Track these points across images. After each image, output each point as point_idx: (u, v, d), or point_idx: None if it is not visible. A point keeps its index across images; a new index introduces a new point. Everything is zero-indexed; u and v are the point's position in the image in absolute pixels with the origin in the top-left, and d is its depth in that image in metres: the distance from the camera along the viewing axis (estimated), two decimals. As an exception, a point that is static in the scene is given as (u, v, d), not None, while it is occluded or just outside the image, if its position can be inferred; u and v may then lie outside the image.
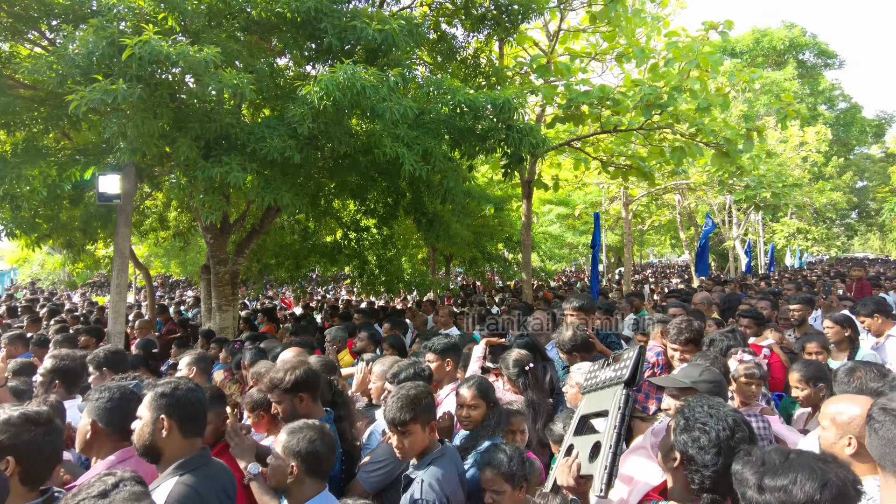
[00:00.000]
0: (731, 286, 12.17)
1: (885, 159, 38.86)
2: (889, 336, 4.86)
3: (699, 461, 1.86)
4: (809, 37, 34.90)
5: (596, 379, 2.35)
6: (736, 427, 1.89)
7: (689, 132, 9.02)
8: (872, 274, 15.01)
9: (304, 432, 2.37)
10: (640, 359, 2.17)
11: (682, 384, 2.76)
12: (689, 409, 1.98)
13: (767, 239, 28.42)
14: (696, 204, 22.00)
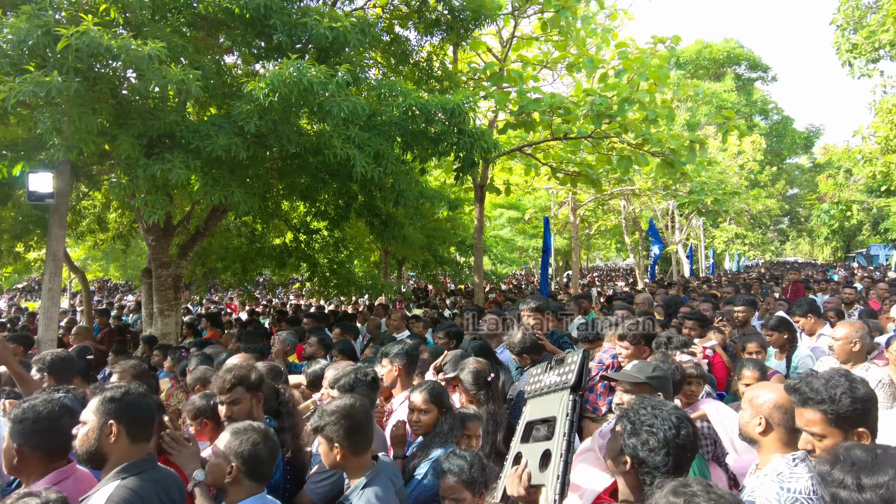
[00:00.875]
0: (674, 289, 12.61)
1: (813, 169, 41.28)
2: (821, 335, 5.18)
3: (651, 463, 1.88)
4: (746, 50, 36.75)
5: (540, 384, 2.29)
6: (680, 425, 1.92)
7: (636, 142, 9.29)
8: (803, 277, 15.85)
9: (248, 434, 2.32)
10: (585, 363, 2.14)
11: (636, 379, 2.82)
12: (634, 413, 1.99)
13: (708, 244, 29.63)
14: (641, 209, 22.71)
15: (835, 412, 2.01)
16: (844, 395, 2.02)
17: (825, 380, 2.08)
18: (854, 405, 2.01)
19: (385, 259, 14.95)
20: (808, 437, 2.09)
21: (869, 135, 15.17)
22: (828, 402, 2.02)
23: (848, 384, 2.05)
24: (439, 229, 14.71)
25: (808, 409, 2.07)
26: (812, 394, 2.06)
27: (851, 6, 15.72)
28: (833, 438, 2.03)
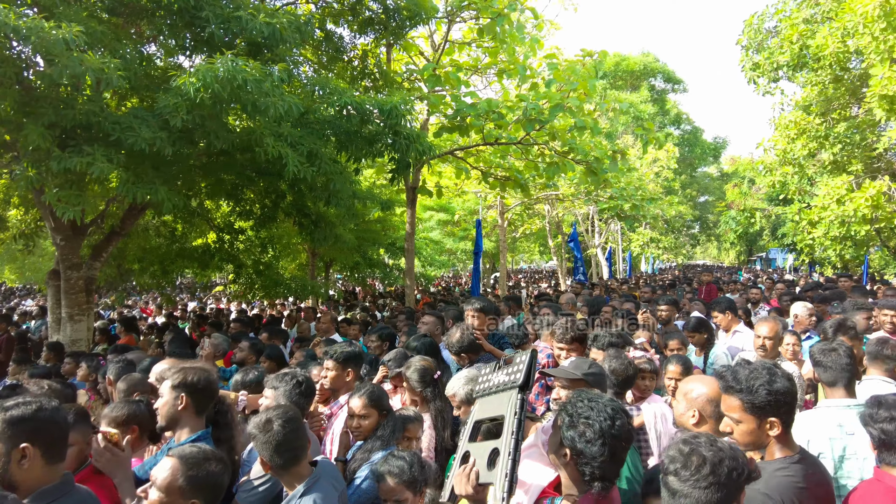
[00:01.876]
0: (597, 290, 13.14)
1: (721, 178, 44.32)
2: (736, 332, 5.59)
3: (588, 454, 1.93)
4: (661, 63, 38.91)
5: (489, 383, 2.30)
6: (616, 415, 1.99)
7: (563, 149, 9.62)
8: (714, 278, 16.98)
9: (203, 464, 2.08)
10: (533, 363, 2.16)
11: (573, 375, 2.90)
12: (571, 406, 2.05)
13: (625, 247, 31.07)
14: (564, 214, 23.50)
15: (750, 402, 2.16)
16: (762, 387, 2.15)
17: (749, 371, 2.22)
18: (769, 397, 2.15)
19: (312, 261, 14.62)
20: (728, 420, 2.24)
21: (769, 147, 16.44)
22: (745, 391, 2.17)
23: (768, 377, 2.18)
24: (370, 230, 14.59)
25: (729, 396, 2.23)
26: (734, 383, 2.20)
27: (754, 29, 17.02)
28: (748, 424, 2.18)
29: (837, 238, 14.62)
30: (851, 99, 14.84)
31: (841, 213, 13.40)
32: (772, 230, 36.11)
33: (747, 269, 34.97)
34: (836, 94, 14.82)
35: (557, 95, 8.57)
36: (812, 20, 14.54)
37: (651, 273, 30.88)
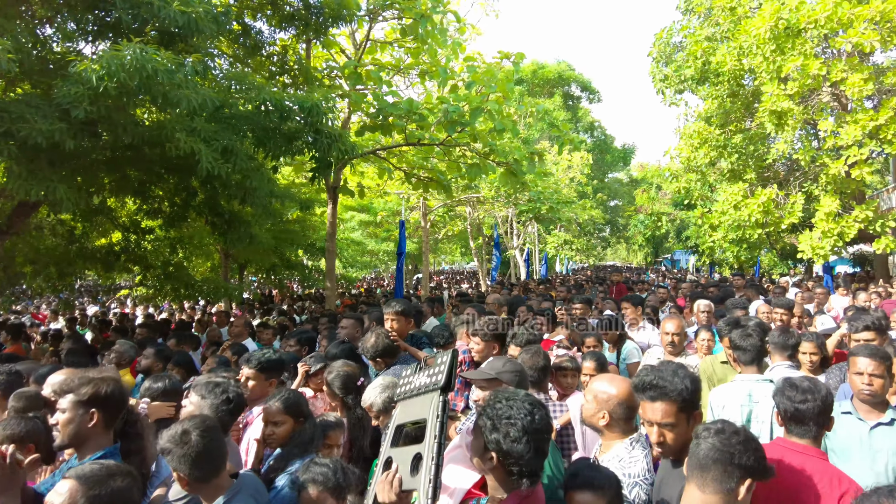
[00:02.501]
0: (516, 290, 13.47)
1: (630, 183, 46.70)
2: (640, 328, 6.08)
3: (515, 453, 1.95)
4: (577, 73, 40.50)
5: (410, 385, 2.25)
6: (534, 410, 2.02)
7: (484, 151, 9.77)
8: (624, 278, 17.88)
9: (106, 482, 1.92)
10: (454, 363, 2.11)
11: (488, 376, 2.94)
12: (491, 408, 2.05)
13: (541, 249, 32.05)
14: (485, 216, 23.93)
15: (682, 399, 2.27)
16: (687, 381, 2.29)
17: (669, 373, 2.32)
18: (693, 389, 2.30)
19: (225, 262, 13.99)
20: (660, 429, 2.28)
21: (675, 155, 17.51)
22: (677, 392, 2.27)
23: (684, 372, 2.34)
24: (288, 231, 14.15)
25: (662, 403, 2.28)
26: (671, 387, 2.27)
27: (663, 42, 18.10)
28: (681, 425, 2.28)
29: (734, 241, 15.80)
30: (746, 113, 16.11)
31: (737, 218, 14.50)
32: (676, 233, 38.52)
33: (654, 269, 37.06)
34: (733, 108, 16.04)
35: (477, 98, 8.70)
36: (713, 38, 15.66)
37: (566, 273, 32.04)
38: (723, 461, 1.91)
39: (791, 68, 11.80)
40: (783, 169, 16.80)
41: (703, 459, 1.94)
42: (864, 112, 11.74)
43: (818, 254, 12.50)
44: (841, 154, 12.14)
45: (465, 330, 4.83)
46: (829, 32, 11.56)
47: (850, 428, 3.07)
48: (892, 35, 10.99)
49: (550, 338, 5.36)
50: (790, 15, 11.57)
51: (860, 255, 20.50)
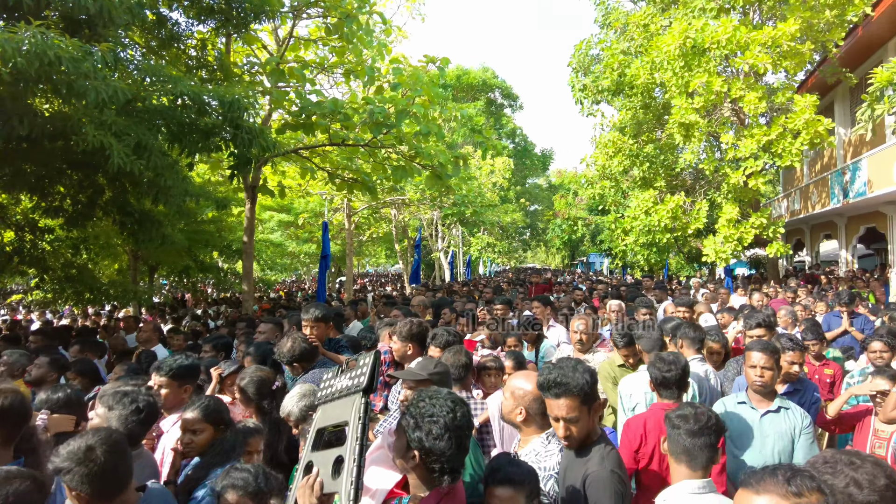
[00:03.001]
0: (441, 292, 13.56)
1: (549, 189, 48.28)
2: (552, 325, 6.46)
3: (437, 450, 1.98)
4: (500, 80, 41.39)
5: (332, 389, 2.21)
6: (456, 407, 2.07)
7: (410, 153, 9.79)
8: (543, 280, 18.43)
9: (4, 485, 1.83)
10: (377, 365, 2.11)
11: (419, 376, 2.95)
12: (414, 407, 2.08)
13: (465, 251, 32.47)
14: (410, 218, 23.97)
15: (584, 393, 2.37)
16: (587, 376, 2.41)
17: (571, 368, 2.42)
18: (592, 382, 2.43)
19: (134, 264, 13.15)
20: (565, 423, 2.38)
21: (591, 163, 18.27)
22: (579, 386, 2.37)
23: (583, 367, 2.45)
24: (203, 231, 13.50)
25: (566, 399, 2.37)
26: (573, 382, 2.37)
27: (582, 54, 18.84)
28: (584, 418, 2.39)
29: (645, 244, 16.70)
30: (657, 124, 17.08)
31: (648, 223, 15.34)
32: (592, 237, 40.19)
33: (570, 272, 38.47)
34: (646, 119, 16.97)
35: (403, 100, 8.71)
36: (628, 52, 16.49)
37: (488, 275, 32.61)
38: (707, 444, 2.33)
39: (697, 84, 12.65)
40: (690, 178, 17.96)
41: (691, 446, 2.35)
42: (759, 128, 12.79)
43: (720, 257, 13.48)
44: (740, 165, 13.15)
45: (388, 332, 4.84)
46: (729, 53, 12.50)
47: (744, 416, 3.35)
48: (780, 59, 12.04)
49: (472, 338, 5.45)
50: (696, 35, 12.41)
51: (756, 259, 22.22)
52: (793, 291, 9.87)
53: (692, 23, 12.70)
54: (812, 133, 11.90)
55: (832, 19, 12.44)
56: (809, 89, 15.12)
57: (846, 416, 3.76)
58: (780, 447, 3.19)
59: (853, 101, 15.14)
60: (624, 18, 17.16)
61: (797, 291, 9.86)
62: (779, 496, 1.41)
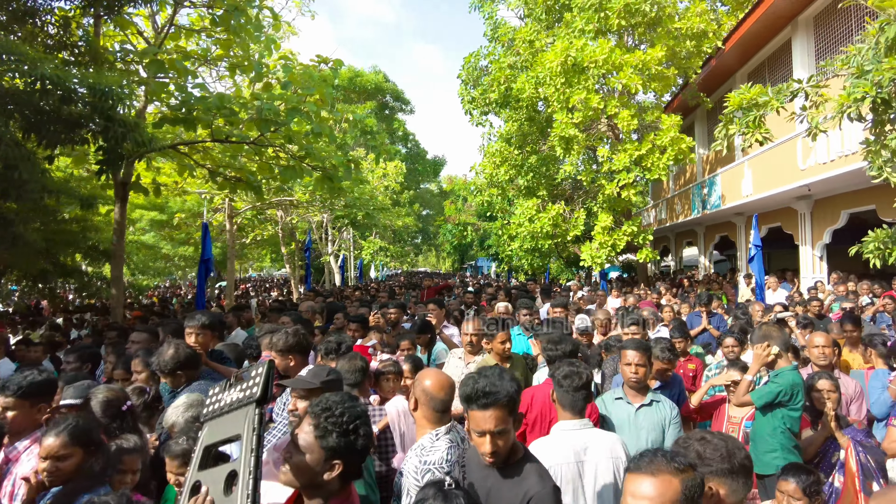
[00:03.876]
0: (331, 297, 13.29)
1: (440, 194, 49.07)
2: (445, 326, 6.68)
3: (365, 450, 2.00)
4: (391, 83, 41.40)
5: (220, 403, 2.08)
6: (359, 407, 2.06)
7: (299, 154, 9.49)
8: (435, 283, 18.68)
9: None
10: (271, 374, 2.02)
11: (311, 385, 2.86)
12: (315, 417, 2.02)
13: (357, 255, 32.11)
14: (298, 220, 23.23)
15: (512, 402, 2.32)
16: (514, 384, 2.38)
17: (498, 376, 2.37)
18: (517, 390, 2.40)
19: (-23, 268, 11.60)
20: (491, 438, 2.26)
21: (480, 171, 18.83)
22: (508, 395, 2.31)
23: (508, 375, 2.42)
24: (64, 231, 12.15)
25: (495, 409, 2.28)
26: (502, 391, 2.30)
27: (471, 66, 19.36)
28: (511, 430, 2.33)
29: (529, 250, 17.48)
30: (540, 136, 17.97)
31: (531, 230, 16.09)
32: (480, 242, 41.38)
33: (460, 275, 39.32)
34: (530, 131, 17.79)
35: (294, 98, 8.43)
36: (515, 66, 17.21)
37: (381, 280, 32.48)
38: (584, 396, 2.89)
39: (577, 100, 13.49)
40: (569, 187, 19.07)
41: (573, 398, 2.86)
42: (631, 143, 13.89)
43: (596, 262, 14.45)
44: (614, 177, 14.18)
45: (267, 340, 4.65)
46: (605, 73, 13.46)
47: (621, 410, 3.62)
48: (649, 81, 13.18)
49: (363, 343, 5.40)
50: (577, 54, 13.24)
51: (627, 263, 24.03)
52: (657, 293, 10.81)
53: (573, 42, 13.53)
54: (676, 150, 13.13)
55: (692, 49, 13.82)
56: (674, 110, 16.67)
57: (705, 406, 4.19)
58: (653, 437, 3.47)
59: (710, 122, 16.93)
60: (511, 34, 17.87)
61: (661, 293, 10.81)
62: (669, 474, 1.62)
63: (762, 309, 7.48)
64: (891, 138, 4.07)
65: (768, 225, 13.26)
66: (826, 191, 10.68)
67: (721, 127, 4.70)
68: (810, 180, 9.74)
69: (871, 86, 3.55)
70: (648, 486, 1.61)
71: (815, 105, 4.34)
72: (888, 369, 4.53)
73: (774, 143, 8.88)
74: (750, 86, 4.66)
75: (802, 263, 11.91)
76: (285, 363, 3.80)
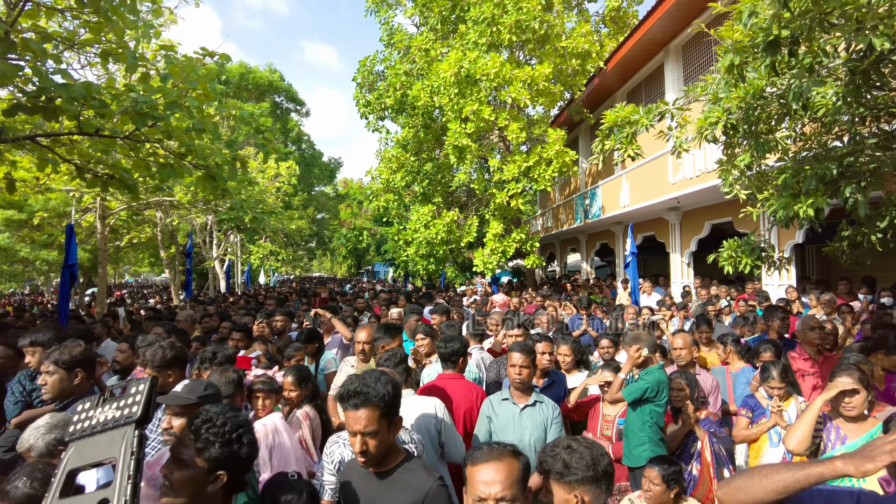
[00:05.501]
0: (214, 304, 12.58)
1: (336, 198, 48.19)
2: (335, 334, 6.49)
3: (250, 458, 1.98)
4: (286, 83, 40.10)
5: (92, 421, 1.83)
6: (242, 416, 2.02)
7: (180, 151, 8.90)
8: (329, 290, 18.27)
9: None
10: (153, 392, 1.82)
11: (188, 401, 2.70)
12: (197, 429, 1.93)
13: (244, 259, 30.69)
14: (179, 222, 21.77)
15: (385, 404, 2.31)
16: (389, 387, 2.37)
17: (374, 379, 2.36)
18: (394, 394, 2.38)
19: None
20: (361, 438, 2.26)
21: (376, 176, 18.74)
22: (380, 397, 2.30)
23: (386, 378, 2.41)
24: None
25: (366, 409, 2.28)
26: (374, 392, 2.30)
27: (367, 70, 19.22)
28: (383, 432, 2.30)
29: (424, 255, 17.64)
30: (436, 144, 18.23)
31: (427, 236, 16.25)
32: (377, 247, 41.13)
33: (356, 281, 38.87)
34: (426, 139, 17.99)
35: (174, 92, 7.89)
36: (410, 73, 17.32)
37: (272, 286, 31.28)
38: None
39: (469, 111, 13.83)
40: (463, 195, 19.49)
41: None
42: (520, 155, 14.47)
43: (488, 267, 14.87)
44: (504, 187, 14.68)
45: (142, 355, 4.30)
46: (497, 86, 13.92)
47: (507, 410, 3.74)
48: (537, 96, 13.81)
49: (247, 354, 5.14)
50: (469, 66, 13.58)
51: (517, 268, 24.96)
52: (542, 297, 11.32)
53: (466, 54, 13.87)
54: (561, 162, 13.86)
55: (577, 67, 14.67)
56: (560, 124, 17.60)
57: (582, 405, 4.42)
58: (536, 436, 3.61)
59: (592, 137, 18.02)
60: (407, 41, 17.98)
61: (546, 297, 11.33)
62: (510, 457, 1.89)
63: (635, 312, 8.05)
64: (739, 160, 4.55)
65: (643, 233, 14.36)
66: (692, 203, 11.74)
67: (598, 142, 5.01)
68: (679, 193, 10.67)
69: (723, 111, 3.95)
70: (497, 470, 1.84)
71: (680, 126, 4.74)
72: (752, 367, 5.05)
73: (648, 158, 9.63)
74: (625, 105, 5.01)
75: (673, 269, 13.01)
76: (163, 379, 3.55)
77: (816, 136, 4.48)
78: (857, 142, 4.03)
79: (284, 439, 3.19)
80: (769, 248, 4.71)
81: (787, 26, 3.04)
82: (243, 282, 28.51)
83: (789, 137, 4.58)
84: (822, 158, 3.74)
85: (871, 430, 3.05)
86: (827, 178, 3.55)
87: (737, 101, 3.87)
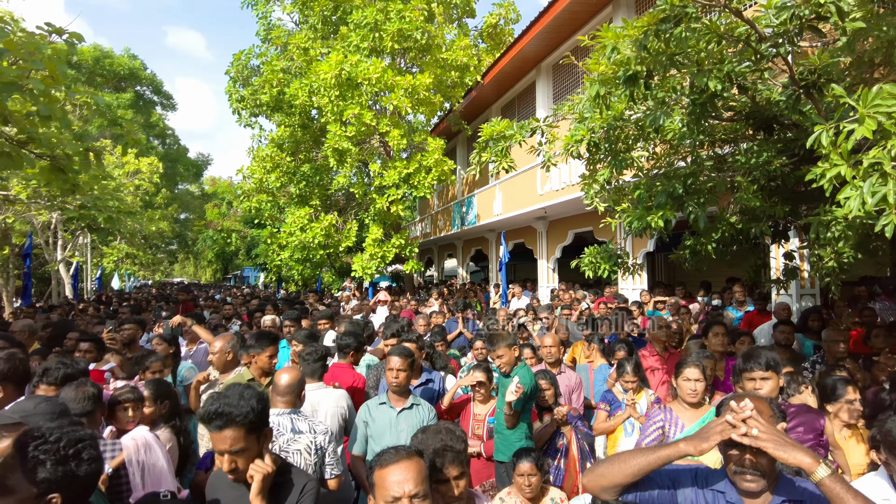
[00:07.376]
0: (58, 312, 11.28)
1: (202, 197, 45.23)
2: (200, 342, 6.40)
3: (92, 475, 1.85)
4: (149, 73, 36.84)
5: None
6: (80, 430, 1.90)
7: (20, 138, 7.91)
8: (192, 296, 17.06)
9: None
10: None
11: (10, 420, 2.39)
12: (23, 448, 1.76)
13: (95, 263, 27.84)
14: (15, 220, 19.22)
15: (249, 422, 2.25)
16: (253, 402, 2.28)
17: (238, 396, 2.28)
18: (261, 409, 2.32)
19: None
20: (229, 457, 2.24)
21: (248, 175, 17.91)
22: (243, 415, 2.25)
23: (250, 393, 2.33)
24: None
25: (231, 430, 2.23)
26: (237, 412, 2.23)
27: (241, 64, 18.35)
28: (252, 448, 2.29)
29: (300, 260, 17.16)
30: (314, 145, 17.83)
31: (303, 239, 15.83)
32: (247, 250, 39.16)
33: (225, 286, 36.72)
34: (304, 139, 17.54)
35: (13, 72, 7.00)
36: (288, 71, 16.80)
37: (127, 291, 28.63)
38: None
39: (350, 115, 13.72)
40: (342, 199, 19.24)
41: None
42: (401, 161, 14.62)
43: (367, 272, 14.80)
44: (385, 192, 14.73)
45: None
46: (378, 91, 13.95)
47: (384, 414, 3.79)
48: (418, 104, 14.04)
49: (99, 367, 4.68)
50: (351, 69, 13.48)
51: (396, 273, 25.07)
52: (417, 301, 11.52)
53: (348, 57, 13.75)
54: (440, 171, 14.18)
55: (456, 79, 15.13)
56: (440, 133, 18.02)
57: (454, 405, 4.57)
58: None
59: (469, 147, 18.69)
60: (285, 38, 17.45)
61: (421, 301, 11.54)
62: (415, 455, 2.03)
63: (506, 314, 8.46)
64: (599, 174, 4.99)
65: (514, 241, 15.12)
66: (558, 213, 12.57)
67: (475, 154, 5.24)
68: (546, 204, 11.38)
69: (587, 130, 4.33)
70: (407, 469, 1.95)
71: (549, 142, 5.10)
72: (608, 364, 5.52)
73: (519, 170, 10.17)
74: (500, 119, 5.29)
75: (540, 274, 13.83)
76: (8, 397, 3.13)
77: (666, 157, 5.04)
78: (697, 163, 4.60)
79: (158, 454, 2.96)
80: (625, 255, 5.20)
81: (642, 63, 3.41)
82: (94, 287, 25.81)
83: (643, 157, 5.11)
84: (670, 176, 4.22)
85: (705, 415, 3.49)
86: (675, 194, 4.02)
87: (600, 122, 4.26)
